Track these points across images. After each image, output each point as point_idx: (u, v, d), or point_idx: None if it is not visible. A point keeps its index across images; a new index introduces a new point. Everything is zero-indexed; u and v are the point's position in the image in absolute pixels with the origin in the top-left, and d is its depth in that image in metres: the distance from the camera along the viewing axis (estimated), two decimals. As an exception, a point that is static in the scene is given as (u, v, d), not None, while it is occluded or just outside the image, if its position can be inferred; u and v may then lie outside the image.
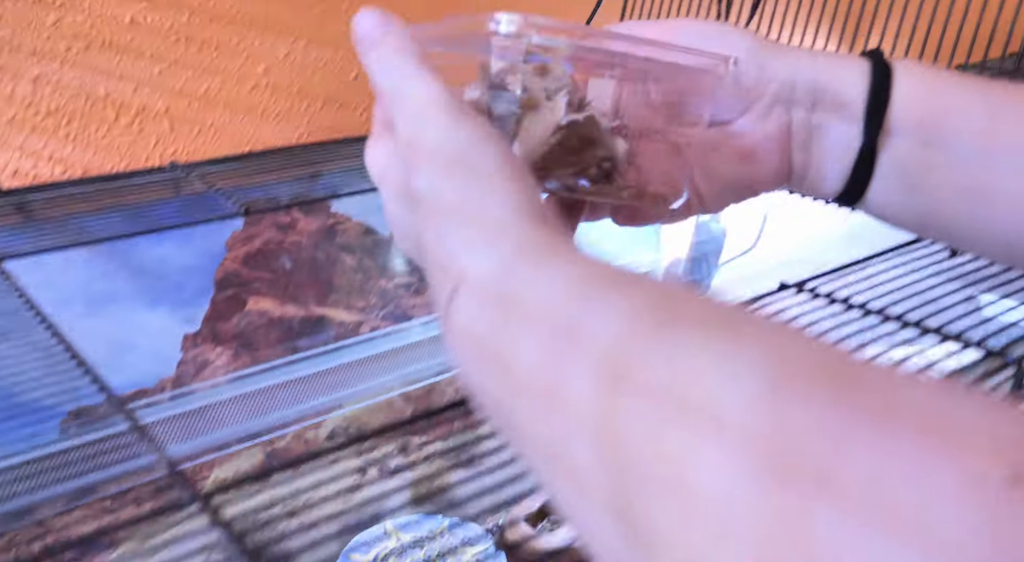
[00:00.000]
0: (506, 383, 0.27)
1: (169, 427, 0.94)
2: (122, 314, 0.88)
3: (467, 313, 0.29)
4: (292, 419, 1.05)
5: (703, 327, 0.23)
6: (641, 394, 0.23)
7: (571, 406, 0.24)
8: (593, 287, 0.27)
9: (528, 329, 0.27)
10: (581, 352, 0.25)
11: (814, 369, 0.21)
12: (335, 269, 1.03)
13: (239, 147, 0.95)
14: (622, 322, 0.25)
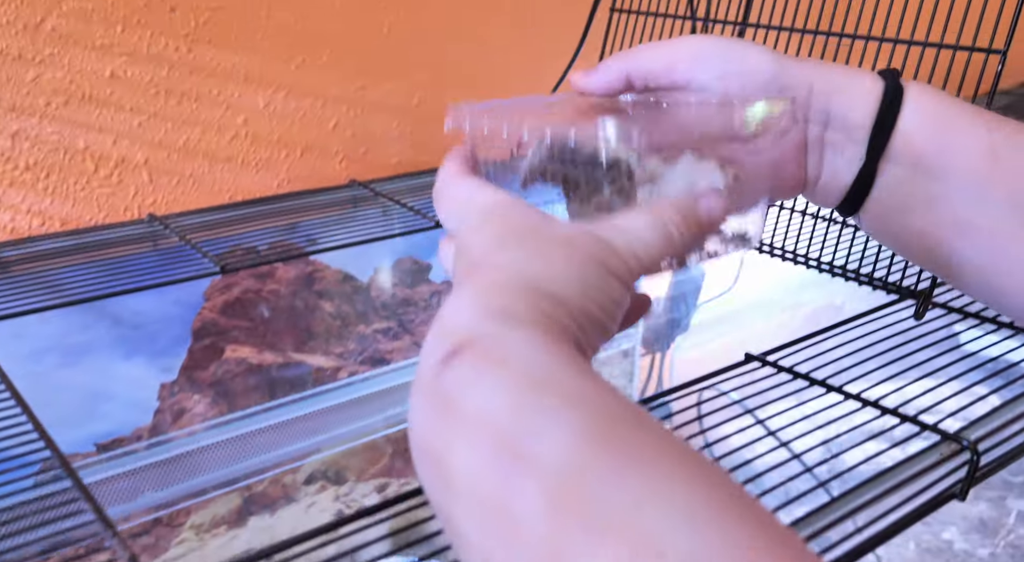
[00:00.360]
0: (443, 485, 0.28)
1: (145, 475, 0.94)
2: (99, 365, 0.89)
3: (459, 377, 0.30)
4: (270, 464, 1.05)
5: (639, 462, 0.25)
6: (588, 527, 0.24)
7: (519, 528, 0.25)
8: (538, 399, 0.28)
9: (475, 440, 0.28)
10: (529, 473, 0.25)
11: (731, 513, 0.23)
12: (313, 316, 1.04)
13: (219, 197, 0.96)
14: (567, 450, 0.26)
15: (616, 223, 0.34)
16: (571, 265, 0.32)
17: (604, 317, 0.32)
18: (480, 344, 0.29)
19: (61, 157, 0.85)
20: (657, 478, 0.24)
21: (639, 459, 0.25)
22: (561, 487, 0.25)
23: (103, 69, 0.85)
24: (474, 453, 0.27)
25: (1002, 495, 1.43)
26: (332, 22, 0.98)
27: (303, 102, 0.99)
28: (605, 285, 0.32)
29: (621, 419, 0.27)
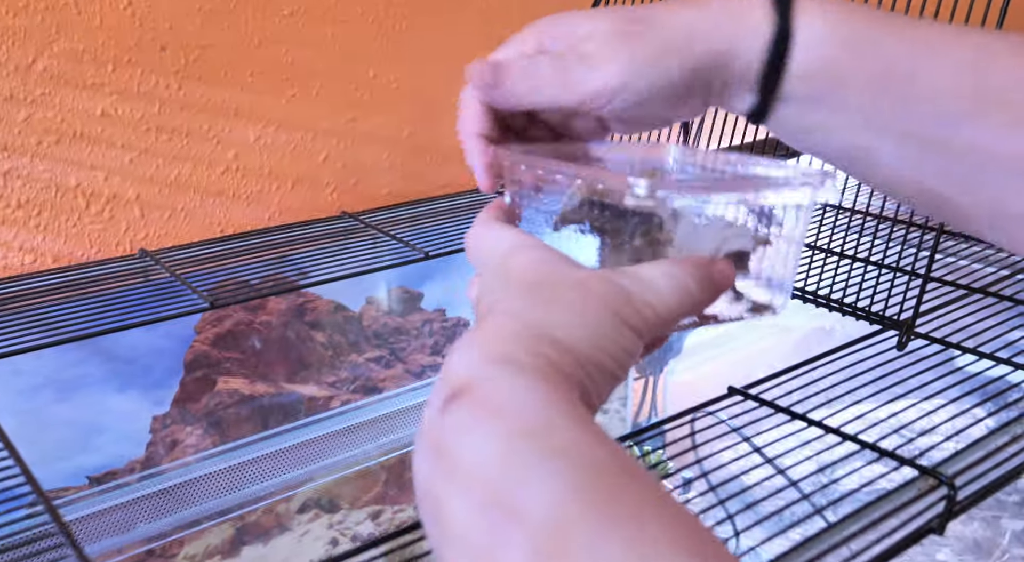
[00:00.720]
0: (439, 529, 0.28)
1: (138, 507, 0.95)
2: (92, 399, 0.89)
3: (457, 422, 0.30)
4: (263, 494, 1.05)
5: (624, 519, 0.25)
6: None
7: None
8: (529, 451, 0.28)
9: (464, 487, 0.28)
10: (516, 526, 0.26)
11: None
12: (305, 346, 1.04)
13: (210, 230, 0.97)
14: (553, 506, 0.26)
15: (634, 270, 0.34)
16: (583, 313, 0.32)
17: (614, 366, 0.32)
18: (478, 390, 0.29)
19: (53, 194, 0.86)
20: (640, 539, 0.25)
21: (624, 516, 0.25)
22: (546, 542, 0.25)
23: (94, 107, 0.86)
24: (465, 502, 0.27)
25: (996, 515, 1.43)
26: (322, 56, 0.99)
27: (294, 135, 1.00)
28: (617, 335, 0.32)
29: (610, 472, 0.27)
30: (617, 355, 0.32)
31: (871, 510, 0.52)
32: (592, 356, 0.32)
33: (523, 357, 0.31)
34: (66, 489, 0.90)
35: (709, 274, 0.35)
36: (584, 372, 0.31)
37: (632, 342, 0.33)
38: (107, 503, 0.91)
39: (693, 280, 0.34)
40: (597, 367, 0.32)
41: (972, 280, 0.87)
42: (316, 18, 0.98)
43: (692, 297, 0.34)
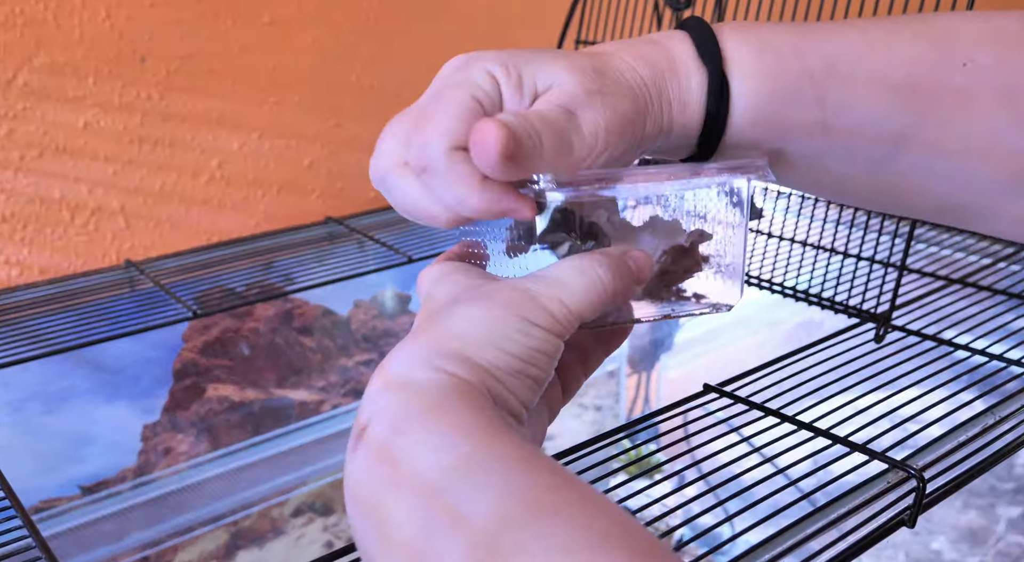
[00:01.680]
0: (382, 544, 0.28)
1: (131, 515, 0.96)
2: (81, 409, 0.90)
3: (360, 464, 0.30)
4: (256, 499, 1.06)
5: (565, 531, 0.26)
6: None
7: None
8: (472, 465, 0.29)
9: (407, 494, 0.29)
10: (455, 535, 0.27)
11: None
12: (294, 352, 1.05)
13: (197, 239, 0.98)
14: (502, 506, 0.27)
15: (542, 272, 0.35)
16: (484, 321, 0.33)
17: (526, 366, 0.33)
18: (373, 430, 0.30)
19: (37, 207, 0.87)
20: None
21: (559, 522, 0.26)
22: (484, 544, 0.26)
23: (76, 120, 0.87)
24: (412, 513, 0.28)
25: (991, 503, 1.44)
26: (303, 62, 1.00)
27: (277, 142, 1.00)
28: (522, 336, 0.33)
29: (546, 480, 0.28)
30: (528, 355, 0.33)
31: (839, 504, 0.53)
32: (498, 360, 0.32)
33: (419, 375, 0.31)
34: (58, 499, 0.90)
35: (621, 262, 0.35)
36: (493, 378, 0.32)
37: (544, 340, 0.33)
38: (100, 512, 0.92)
39: (603, 269, 0.34)
40: (507, 371, 0.32)
41: (951, 270, 0.87)
42: (296, 25, 0.98)
43: (604, 286, 0.34)
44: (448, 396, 0.30)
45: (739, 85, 0.38)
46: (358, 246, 0.99)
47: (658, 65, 0.38)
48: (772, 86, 0.38)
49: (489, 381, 0.32)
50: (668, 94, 0.38)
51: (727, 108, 0.38)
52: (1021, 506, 1.43)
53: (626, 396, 1.42)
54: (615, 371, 1.41)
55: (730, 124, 0.38)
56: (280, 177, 1.02)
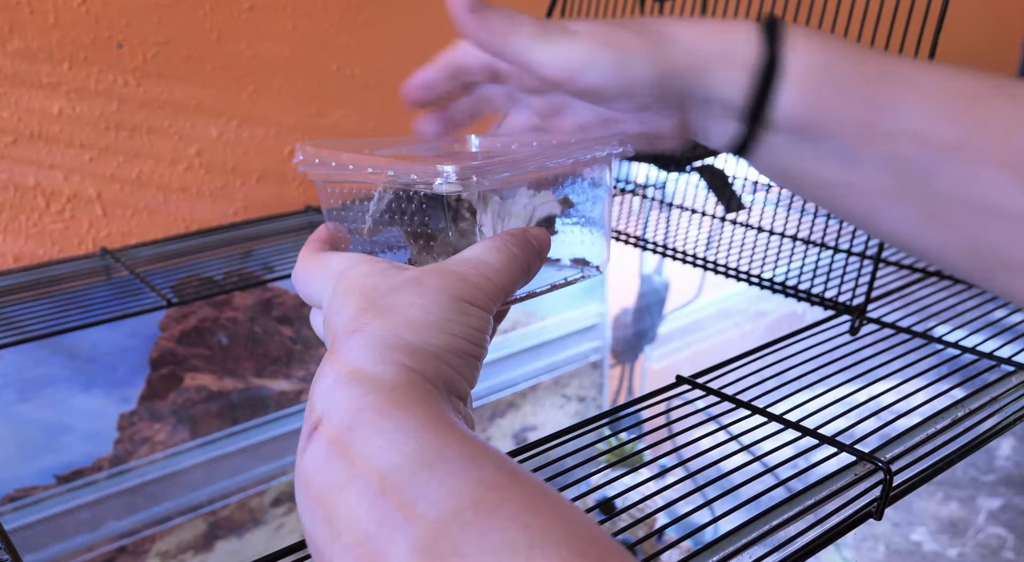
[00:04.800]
0: (332, 537, 0.28)
1: (107, 504, 0.95)
2: (56, 398, 0.90)
3: (313, 457, 0.30)
4: (235, 489, 1.06)
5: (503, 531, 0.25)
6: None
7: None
8: (421, 462, 0.28)
9: (360, 487, 0.29)
10: (405, 528, 0.26)
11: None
12: (272, 341, 1.05)
13: (174, 227, 0.97)
14: (446, 504, 0.26)
15: (460, 256, 0.36)
16: (424, 307, 0.33)
17: (470, 346, 0.33)
18: (328, 422, 0.30)
19: (11, 195, 0.86)
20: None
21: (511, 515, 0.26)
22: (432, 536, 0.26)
23: (51, 107, 0.86)
24: (364, 505, 0.27)
25: (972, 494, 1.45)
26: (283, 49, 0.99)
27: (257, 130, 1.00)
28: (462, 316, 0.34)
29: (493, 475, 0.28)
30: (470, 335, 0.33)
31: (806, 495, 0.53)
32: (447, 344, 0.33)
33: (374, 369, 0.31)
34: (33, 488, 0.90)
35: (526, 238, 0.37)
36: (444, 363, 0.32)
37: (480, 318, 0.34)
38: (76, 502, 0.92)
39: (516, 246, 0.36)
40: (455, 353, 0.33)
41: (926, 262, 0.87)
42: (276, 12, 0.98)
43: (519, 261, 0.36)
44: (402, 391, 0.30)
45: (795, 63, 0.38)
46: (338, 235, 0.99)
47: (708, 25, 0.39)
48: (826, 72, 0.38)
49: (442, 368, 0.32)
50: (710, 73, 0.39)
51: (773, 86, 0.38)
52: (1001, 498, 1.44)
53: (609, 387, 1.42)
54: (599, 362, 1.41)
55: (776, 104, 0.38)
56: (259, 165, 1.01)
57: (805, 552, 0.51)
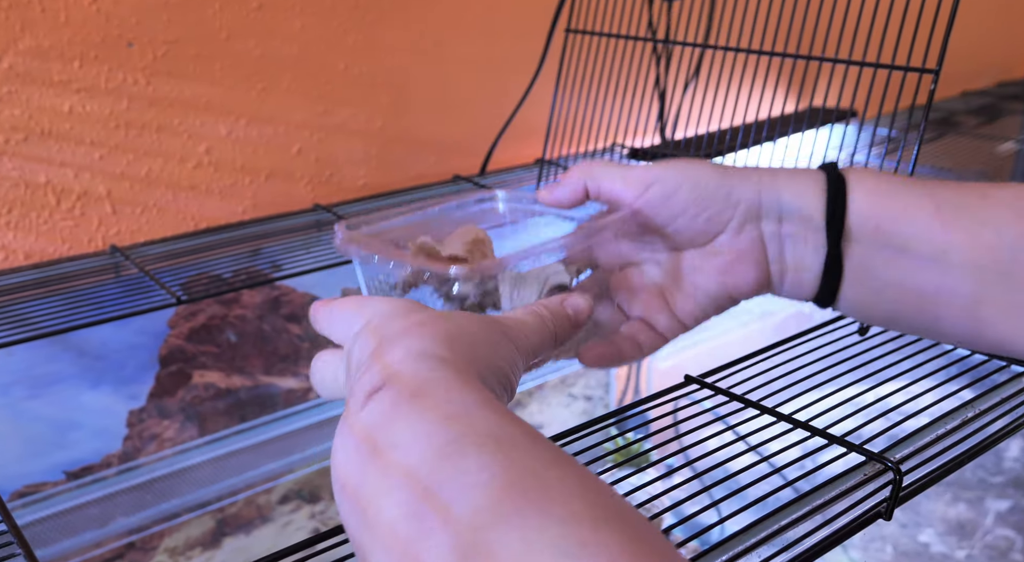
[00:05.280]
0: (367, 530, 0.28)
1: (116, 501, 0.96)
2: (66, 395, 0.90)
3: (338, 447, 0.31)
4: (243, 486, 1.06)
5: (552, 523, 0.25)
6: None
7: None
8: (459, 447, 0.29)
9: (393, 483, 0.29)
10: (439, 526, 0.26)
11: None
12: (281, 339, 1.05)
13: (183, 225, 0.97)
14: (481, 499, 0.26)
15: (503, 316, 0.38)
16: (479, 325, 0.35)
17: (508, 378, 0.35)
18: (400, 379, 0.31)
19: (22, 192, 0.86)
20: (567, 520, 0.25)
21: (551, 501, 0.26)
22: (469, 537, 0.25)
23: (62, 104, 0.86)
24: (393, 497, 0.28)
25: (980, 496, 1.44)
26: (291, 48, 0.99)
27: (265, 129, 1.00)
28: (508, 351, 0.35)
29: (534, 460, 0.28)
30: (511, 367, 0.35)
31: (815, 495, 0.53)
32: (494, 363, 0.34)
33: (444, 353, 0.32)
34: (43, 484, 0.90)
35: (562, 309, 0.41)
36: (491, 375, 0.33)
37: (519, 362, 0.36)
38: (85, 498, 0.92)
39: (549, 318, 0.39)
40: (497, 374, 0.34)
41: None
42: (285, 11, 0.98)
43: (551, 332, 0.39)
44: (440, 382, 0.31)
45: (854, 175, 0.42)
46: (346, 234, 0.99)
47: (766, 168, 0.45)
48: (886, 180, 0.42)
49: (490, 379, 0.34)
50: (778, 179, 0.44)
51: (844, 190, 0.42)
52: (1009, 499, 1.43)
53: (616, 386, 1.42)
54: (606, 361, 1.41)
55: (849, 204, 0.42)
56: (268, 164, 1.01)
57: (814, 552, 0.51)
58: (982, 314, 0.41)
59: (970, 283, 0.41)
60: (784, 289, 0.47)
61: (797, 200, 0.44)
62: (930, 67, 0.71)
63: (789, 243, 0.45)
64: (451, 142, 1.14)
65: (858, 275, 0.44)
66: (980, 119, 1.57)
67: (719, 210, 0.44)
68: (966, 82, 1.79)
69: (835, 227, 0.43)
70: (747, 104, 0.90)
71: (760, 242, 0.45)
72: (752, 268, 0.46)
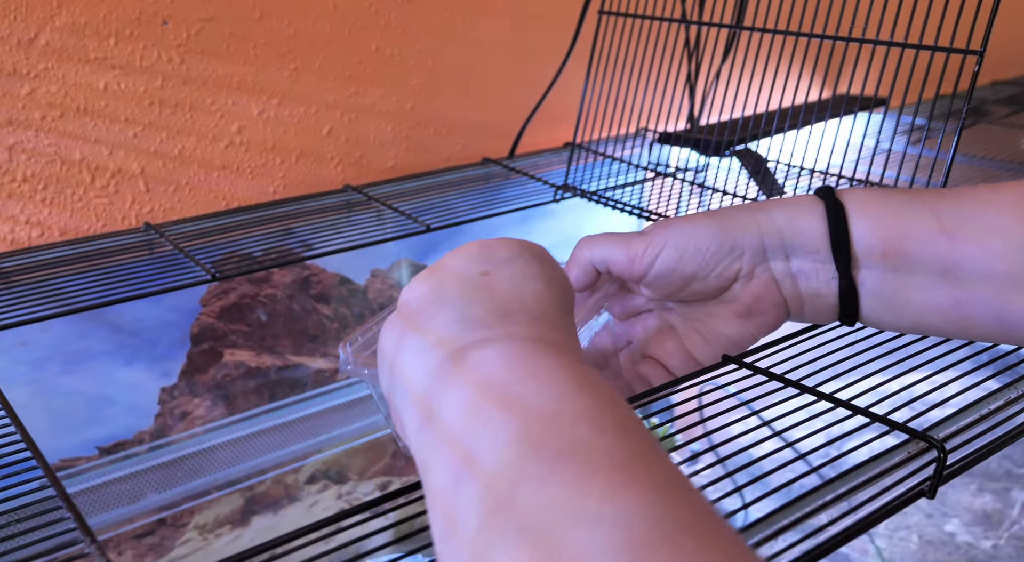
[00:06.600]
0: (428, 492, 0.29)
1: (147, 477, 0.96)
2: (99, 371, 0.91)
3: (409, 418, 0.32)
4: (271, 465, 1.07)
5: (580, 474, 0.25)
6: (515, 540, 0.25)
7: (459, 537, 0.26)
8: (488, 403, 0.29)
9: (439, 447, 0.29)
10: (471, 481, 0.27)
11: (674, 534, 0.23)
12: (310, 319, 1.05)
13: (215, 204, 0.98)
14: (508, 453, 0.27)
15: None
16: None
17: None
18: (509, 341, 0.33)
19: (58, 168, 0.87)
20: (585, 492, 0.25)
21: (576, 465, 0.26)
22: (497, 486, 0.26)
23: (97, 82, 0.87)
24: (443, 463, 0.29)
25: (1007, 486, 1.43)
26: (324, 29, 0.99)
27: (297, 109, 1.00)
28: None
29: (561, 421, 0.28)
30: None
31: (858, 472, 0.52)
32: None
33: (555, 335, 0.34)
34: (76, 459, 0.91)
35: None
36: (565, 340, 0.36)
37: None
38: (117, 473, 0.93)
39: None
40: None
41: None
42: (318, -9, 0.98)
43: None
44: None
45: (851, 200, 0.43)
46: (376, 214, 0.99)
47: (761, 205, 0.46)
48: (883, 200, 0.43)
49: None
50: (776, 217, 0.45)
51: (845, 218, 0.42)
52: (1036, 491, 1.42)
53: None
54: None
55: (852, 233, 0.43)
56: (299, 144, 1.01)
57: (860, 526, 0.51)
58: (1007, 317, 0.41)
59: (988, 291, 0.41)
60: (805, 317, 0.49)
61: (800, 237, 0.45)
62: (974, 49, 0.70)
63: (801, 278, 0.46)
64: (481, 124, 1.14)
65: (874, 299, 0.45)
66: (1010, 109, 1.56)
67: (727, 266, 0.46)
68: (995, 72, 1.77)
69: (842, 258, 0.43)
70: (771, 90, 0.89)
71: (773, 283, 0.46)
72: (770, 309, 0.47)
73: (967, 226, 0.41)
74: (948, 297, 0.42)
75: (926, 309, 0.44)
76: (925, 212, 0.42)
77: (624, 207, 0.94)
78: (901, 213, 0.42)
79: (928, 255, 0.41)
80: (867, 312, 0.45)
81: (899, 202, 0.42)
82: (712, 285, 0.46)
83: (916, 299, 0.43)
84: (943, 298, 0.42)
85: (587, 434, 0.27)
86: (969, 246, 0.41)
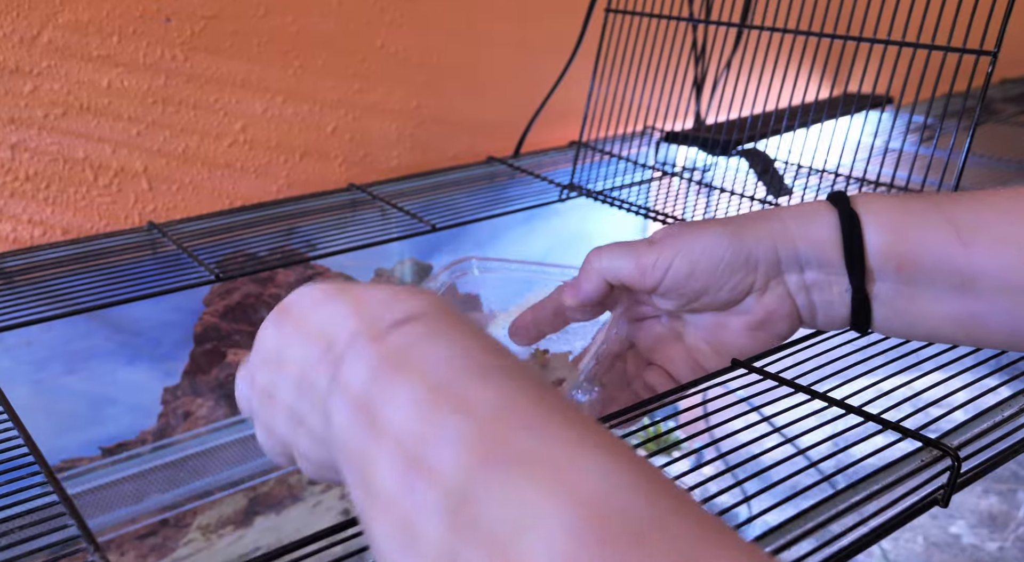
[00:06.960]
0: (367, 497, 0.28)
1: (150, 477, 0.96)
2: (101, 371, 0.90)
3: (340, 416, 0.31)
4: (274, 465, 1.06)
5: (529, 467, 0.25)
6: (476, 541, 0.24)
7: (420, 545, 0.26)
8: (440, 402, 0.28)
9: (383, 448, 0.28)
10: (427, 487, 0.26)
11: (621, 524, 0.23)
12: (314, 319, 1.04)
13: (219, 203, 0.97)
14: (461, 455, 0.26)
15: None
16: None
17: None
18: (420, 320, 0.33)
19: (61, 167, 0.86)
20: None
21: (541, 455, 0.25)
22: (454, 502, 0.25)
23: (100, 80, 0.86)
24: (389, 466, 0.28)
25: (1012, 488, 1.43)
26: (328, 25, 0.99)
27: (301, 107, 0.99)
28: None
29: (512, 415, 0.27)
30: None
31: (872, 481, 0.52)
32: None
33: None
34: (79, 460, 0.91)
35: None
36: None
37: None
38: (120, 474, 0.93)
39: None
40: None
41: None
42: (322, -12, 0.97)
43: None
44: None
45: (866, 209, 0.42)
46: (381, 213, 0.99)
47: (774, 213, 0.45)
48: (899, 209, 0.42)
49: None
50: (790, 227, 0.44)
51: (859, 230, 0.42)
52: (1042, 492, 1.41)
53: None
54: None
55: (867, 244, 0.42)
56: (303, 142, 1.01)
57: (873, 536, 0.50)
58: (1022, 328, 0.41)
59: (1004, 303, 0.40)
60: (817, 325, 0.48)
61: (814, 249, 0.44)
62: (988, 49, 0.69)
63: (815, 290, 0.45)
64: (486, 123, 1.13)
65: (888, 310, 0.44)
66: (1019, 107, 1.55)
67: (741, 278, 0.45)
68: (1004, 70, 1.76)
69: (856, 271, 0.43)
70: (780, 89, 0.88)
71: (788, 296, 0.46)
72: (783, 321, 0.47)
73: (985, 237, 0.40)
74: (963, 309, 0.42)
75: (940, 320, 0.43)
76: (942, 221, 0.41)
77: (630, 207, 0.93)
78: (917, 223, 0.41)
79: (944, 268, 0.41)
80: (880, 322, 0.44)
81: (915, 210, 0.42)
82: (724, 298, 0.46)
83: (930, 310, 0.42)
84: (958, 310, 0.42)
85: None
86: (985, 258, 0.40)
